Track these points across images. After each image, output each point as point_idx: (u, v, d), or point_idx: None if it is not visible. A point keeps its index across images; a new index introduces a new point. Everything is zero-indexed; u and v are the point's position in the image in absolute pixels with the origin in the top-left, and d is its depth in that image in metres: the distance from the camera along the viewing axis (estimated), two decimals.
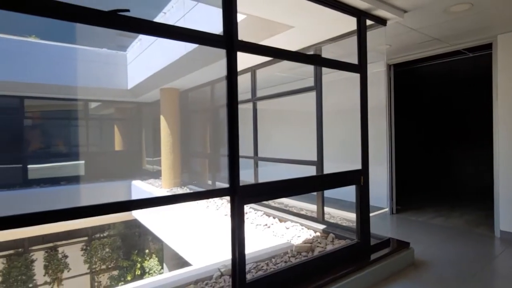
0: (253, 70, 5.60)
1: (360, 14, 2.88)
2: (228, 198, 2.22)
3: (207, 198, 2.33)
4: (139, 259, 9.12)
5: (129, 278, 8.78)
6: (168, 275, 3.11)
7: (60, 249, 8.58)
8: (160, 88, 7.96)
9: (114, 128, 10.20)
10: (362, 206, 2.92)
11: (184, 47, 5.56)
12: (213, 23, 4.79)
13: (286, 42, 4.08)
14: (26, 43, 7.77)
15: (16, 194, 7.28)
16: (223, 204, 5.72)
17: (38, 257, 8.32)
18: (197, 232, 5.49)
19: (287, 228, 4.19)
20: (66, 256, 8.55)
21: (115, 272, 9.05)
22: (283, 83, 5.87)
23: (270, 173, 5.76)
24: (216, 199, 5.86)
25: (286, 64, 5.38)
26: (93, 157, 9.22)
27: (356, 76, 2.92)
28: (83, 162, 8.89)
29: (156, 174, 9.22)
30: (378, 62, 4.54)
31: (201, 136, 8.70)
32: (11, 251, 8.04)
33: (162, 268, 8.65)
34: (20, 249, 8.19)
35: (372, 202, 3.05)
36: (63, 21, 1.68)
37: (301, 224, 4.21)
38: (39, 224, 1.66)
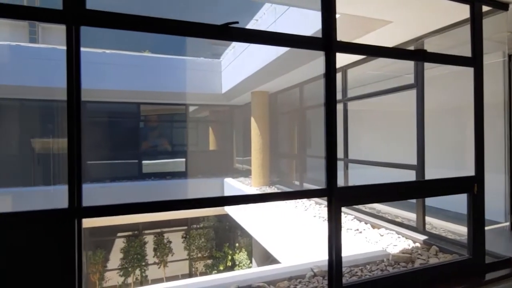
0: (343, 69, 5.46)
1: (474, 0, 2.55)
2: (317, 200, 2.23)
3: (303, 198, 2.39)
4: (230, 252, 9.80)
5: (221, 268, 9.52)
6: (261, 269, 3.28)
7: (165, 235, 9.84)
8: (251, 91, 8.39)
9: (209, 129, 11.16)
10: (476, 218, 2.58)
11: (275, 52, 5.75)
12: (302, 26, 4.85)
13: (381, 38, 3.87)
14: (141, 57, 9.12)
15: (134, 185, 8.65)
16: (311, 206, 5.72)
17: (149, 240, 9.71)
18: (285, 231, 5.62)
19: (381, 235, 3.97)
20: (170, 242, 9.78)
21: (209, 261, 9.92)
22: (374, 82, 5.56)
23: (360, 177, 5.52)
24: (305, 200, 5.89)
25: (379, 62, 5.09)
26: (192, 155, 10.26)
27: (465, 70, 2.59)
28: (184, 159, 10.00)
29: (246, 173, 9.74)
30: (495, 53, 3.94)
31: (289, 137, 8.84)
32: (130, 233, 9.59)
33: (251, 262, 9.10)
34: (136, 232, 9.70)
35: (487, 215, 2.67)
36: (184, 36, 1.96)
37: (397, 232, 3.93)
38: (153, 211, 1.97)
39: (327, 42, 2.17)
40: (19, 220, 1.62)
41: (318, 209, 5.52)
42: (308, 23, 4.69)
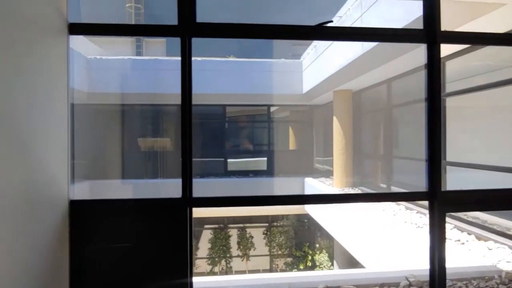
0: (442, 62, 4.93)
1: None
2: (407, 204, 2.08)
3: (399, 200, 2.27)
4: (310, 252, 9.75)
5: (301, 267, 9.55)
6: (349, 271, 3.21)
7: (247, 230, 10.34)
8: (333, 90, 8.20)
9: (289, 129, 11.28)
10: None
11: (361, 48, 5.52)
12: (394, 18, 4.53)
13: (491, 24, 3.39)
14: (226, 62, 9.72)
15: (220, 181, 9.31)
16: (400, 210, 5.32)
17: (233, 234, 10.33)
18: (371, 235, 5.35)
19: (490, 249, 3.48)
20: (252, 237, 10.23)
21: (289, 259, 10.05)
22: (477, 75, 4.87)
23: (459, 181, 4.90)
24: (393, 205, 5.51)
25: (484, 51, 4.46)
26: (273, 154, 10.52)
27: None
28: (265, 159, 10.33)
29: (326, 173, 9.56)
30: None
31: (373, 137, 8.36)
32: (216, 226, 10.35)
33: (332, 264, 8.90)
34: (221, 225, 10.42)
35: None
36: (280, 39, 2.05)
37: (511, 247, 3.40)
38: (251, 205, 2.10)
39: (429, 33, 2.02)
40: (146, 204, 1.93)
41: (409, 214, 5.11)
42: (399, 14, 4.38)
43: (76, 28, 1.90)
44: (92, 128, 7.94)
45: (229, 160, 10.12)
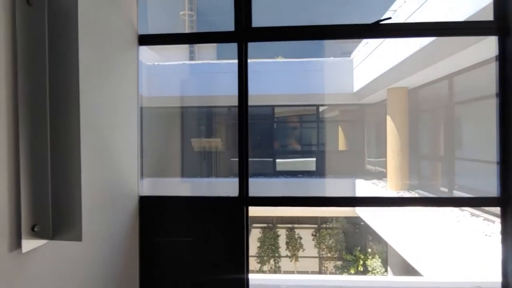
0: None
1: None
2: (472, 211, 1.92)
3: (466, 205, 2.13)
4: (362, 256, 9.41)
5: (352, 272, 9.26)
6: (403, 279, 3.05)
7: (296, 231, 10.30)
8: (387, 88, 7.82)
9: (338, 129, 10.99)
10: None
11: (418, 43, 5.20)
12: (455, 10, 4.20)
13: None
14: (274, 63, 9.78)
15: (269, 181, 9.40)
16: (464, 217, 4.90)
17: (281, 234, 10.36)
18: (430, 241, 5.01)
19: None
20: (300, 238, 10.17)
21: (339, 263, 9.80)
22: None
23: None
24: (456, 210, 5.09)
25: None
26: (322, 155, 10.34)
27: None
28: (314, 159, 10.20)
29: (379, 175, 9.14)
30: None
31: (432, 137, 7.80)
32: (264, 225, 10.48)
33: (386, 270, 8.50)
34: (270, 224, 10.52)
35: None
36: (336, 39, 2.04)
37: None
38: (304, 206, 2.11)
39: (501, 25, 1.86)
40: (206, 202, 2.05)
41: (475, 221, 4.68)
42: (463, 5, 4.04)
43: (145, 39, 2.08)
44: (151, 130, 8.56)
45: (277, 160, 10.17)
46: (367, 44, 8.11)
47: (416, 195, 7.08)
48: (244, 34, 2.00)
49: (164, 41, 2.18)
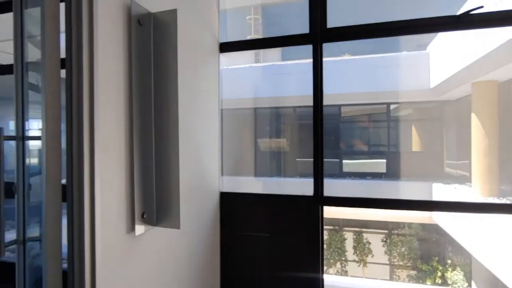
0: None
1: None
2: None
3: None
4: (440, 267, 8.58)
5: (428, 283, 8.51)
6: None
7: (364, 235, 9.85)
8: (472, 82, 7.02)
9: (411, 129, 10.19)
10: None
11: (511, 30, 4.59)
12: None
13: None
14: (341, 61, 9.50)
15: (335, 182, 9.17)
16: None
17: (348, 237, 10.02)
18: None
19: None
20: (369, 243, 9.70)
21: (413, 272, 9.08)
22: None
23: None
24: None
25: None
26: (393, 156, 9.71)
27: None
28: (384, 160, 9.63)
29: (461, 179, 8.24)
30: None
31: None
32: (331, 227, 10.25)
33: (470, 285, 7.63)
34: (336, 227, 10.26)
35: None
36: (417, 34, 1.94)
37: None
38: (372, 207, 2.03)
39: None
40: (281, 200, 2.12)
41: None
42: None
43: (225, 47, 2.25)
44: (227, 130, 9.06)
45: (344, 161, 9.86)
46: (447, 35, 7.40)
47: (509, 202, 6.21)
48: (319, 36, 2.02)
49: (243, 47, 2.32)
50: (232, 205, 2.20)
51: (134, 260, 1.35)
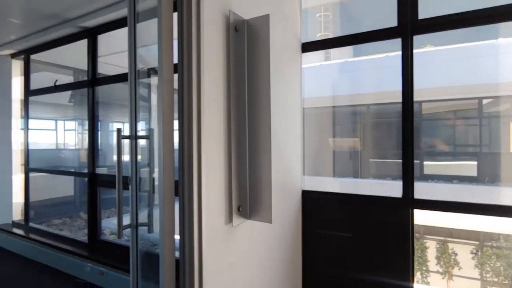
0: None
1: None
2: None
3: None
4: None
5: None
6: None
7: (450, 245, 8.88)
8: None
9: (509, 127, 8.85)
10: None
11: None
12: None
13: None
14: (423, 53, 8.71)
15: (416, 185, 8.46)
16: None
17: (430, 246, 9.15)
18: None
19: None
20: (455, 254, 8.71)
21: None
22: None
23: None
24: None
25: None
26: (486, 158, 8.57)
27: None
28: (475, 162, 8.55)
29: None
30: None
31: None
32: None
33: None
34: (417, 234, 9.47)
35: None
36: None
37: None
38: (471, 213, 1.82)
39: None
40: (366, 200, 2.06)
41: None
42: None
43: (307, 47, 2.26)
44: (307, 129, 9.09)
45: (425, 162, 9.03)
46: None
47: None
48: (410, 28, 1.91)
49: (326, 46, 2.30)
50: (314, 203, 2.21)
51: (231, 248, 1.46)
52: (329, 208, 2.16)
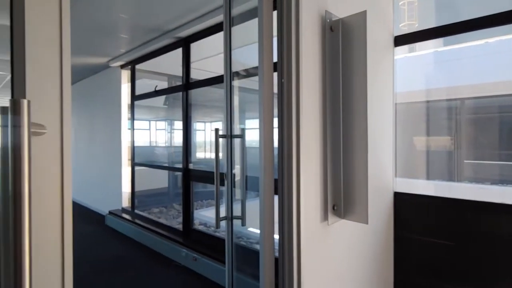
0: None
1: None
2: None
3: None
4: None
5: None
6: None
7: None
8: None
9: None
10: None
11: None
12: None
13: None
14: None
15: None
16: None
17: None
18: None
19: None
20: None
21: None
22: None
23: None
24: None
25: None
26: None
27: None
28: None
29: None
30: None
31: None
32: None
33: None
34: None
35: None
36: None
37: None
38: None
39: None
40: (476, 206, 1.86)
41: None
42: None
43: (400, 40, 2.14)
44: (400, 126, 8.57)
45: None
46: None
47: None
48: None
49: (419, 38, 2.15)
50: (407, 206, 2.08)
51: (325, 246, 1.48)
52: (425, 212, 2.01)
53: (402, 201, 2.09)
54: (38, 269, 0.68)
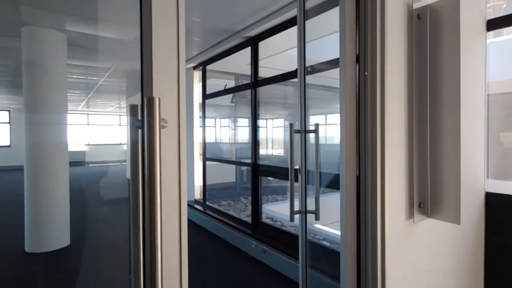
0: None
1: None
2: None
3: None
4: None
5: None
6: None
7: None
8: None
9: None
10: None
11: None
12: None
13: None
14: None
15: None
16: None
17: None
18: None
19: None
20: None
21: None
22: None
23: None
24: None
25: None
26: None
27: None
28: None
29: None
30: None
31: None
32: None
33: None
34: None
35: None
36: None
37: None
38: None
39: None
40: None
41: None
42: None
43: (493, 24, 1.92)
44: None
45: None
46: None
47: None
48: None
49: None
50: (501, 208, 1.87)
51: (411, 245, 1.42)
52: None
53: (495, 202, 1.89)
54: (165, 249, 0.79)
